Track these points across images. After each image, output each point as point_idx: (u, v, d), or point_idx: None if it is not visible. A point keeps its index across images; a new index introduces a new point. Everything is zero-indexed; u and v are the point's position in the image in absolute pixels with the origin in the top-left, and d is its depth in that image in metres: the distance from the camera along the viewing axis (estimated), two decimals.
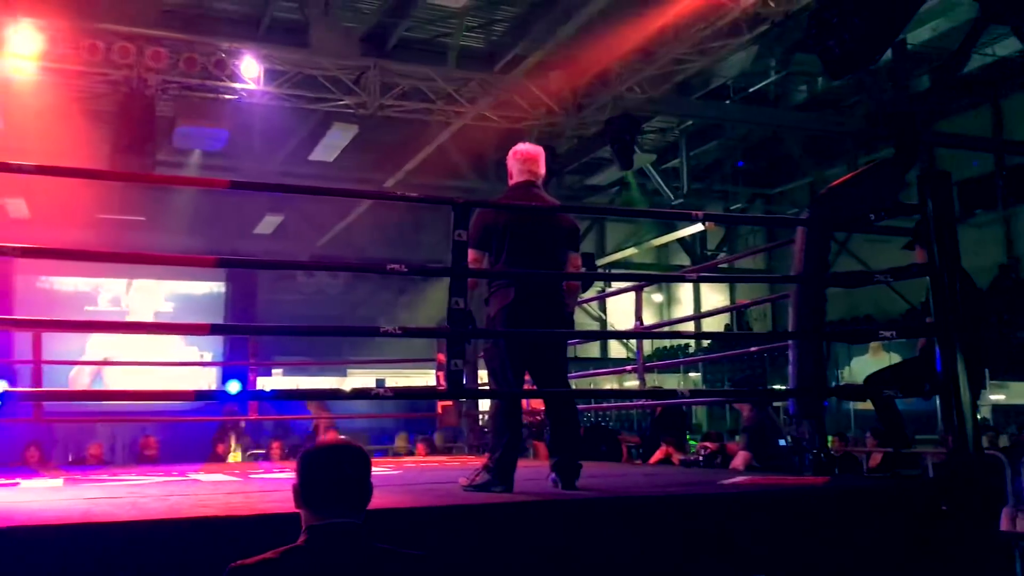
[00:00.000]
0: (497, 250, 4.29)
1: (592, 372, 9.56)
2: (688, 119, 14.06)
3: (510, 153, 4.66)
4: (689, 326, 17.27)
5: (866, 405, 9.61)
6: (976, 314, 4.14)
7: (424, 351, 10.53)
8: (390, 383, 15.89)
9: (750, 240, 18.72)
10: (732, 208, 17.25)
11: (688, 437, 9.33)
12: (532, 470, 4.79)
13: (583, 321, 17.93)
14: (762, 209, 17.51)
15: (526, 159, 4.57)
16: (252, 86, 9.76)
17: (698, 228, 16.35)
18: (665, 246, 18.53)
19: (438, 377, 8.68)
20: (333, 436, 8.33)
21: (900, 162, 8.00)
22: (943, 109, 13.43)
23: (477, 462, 4.78)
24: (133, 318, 14.23)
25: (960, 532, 3.62)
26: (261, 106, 10.41)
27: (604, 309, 19.37)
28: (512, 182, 4.62)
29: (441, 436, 11.06)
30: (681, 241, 17.89)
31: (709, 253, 18.17)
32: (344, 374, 16.69)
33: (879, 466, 8.25)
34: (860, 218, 4.66)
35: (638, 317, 6.79)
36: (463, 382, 3.91)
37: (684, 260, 18.86)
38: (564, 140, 11.93)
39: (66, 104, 9.86)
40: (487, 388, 4.81)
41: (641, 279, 11.74)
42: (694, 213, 4.52)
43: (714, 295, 19.81)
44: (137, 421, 8.54)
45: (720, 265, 15.97)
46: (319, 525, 2.25)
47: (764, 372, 14.06)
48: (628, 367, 8.14)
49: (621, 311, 17.54)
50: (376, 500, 2.37)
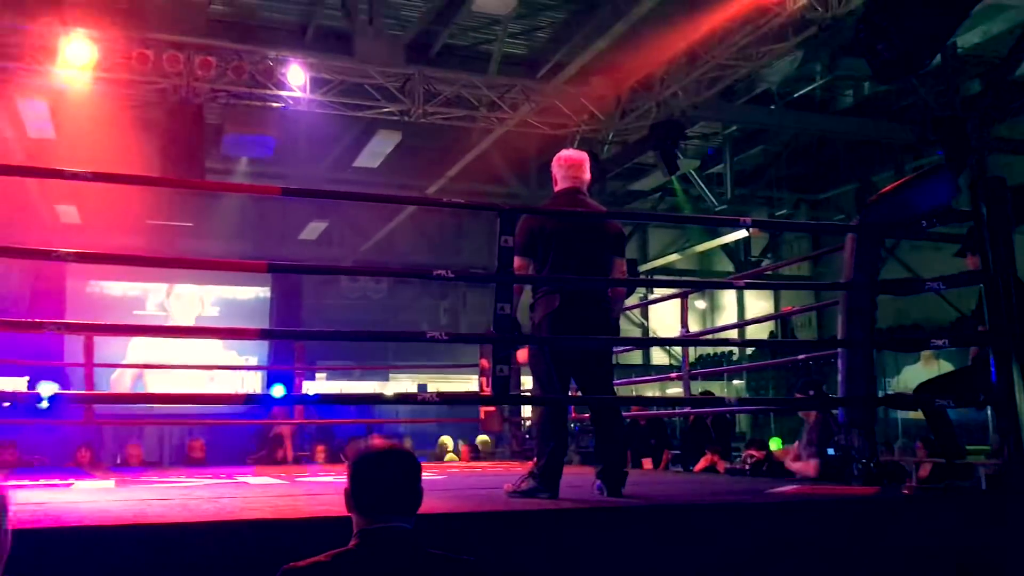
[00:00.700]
0: (543, 256, 4.29)
1: (636, 380, 9.48)
2: (732, 124, 13.95)
3: (555, 159, 4.65)
4: (733, 333, 17.08)
5: (915, 414, 9.48)
6: None
7: (466, 356, 10.57)
8: (431, 387, 15.97)
9: (794, 246, 18.49)
10: (777, 214, 17.07)
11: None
12: (576, 477, 4.78)
13: (625, 328, 17.82)
14: (807, 214, 17.29)
15: (571, 165, 4.56)
16: (298, 94, 9.85)
17: (742, 234, 16.20)
18: (708, 252, 18.37)
19: (481, 382, 8.71)
20: (380, 440, 8.37)
21: (951, 167, 7.86)
22: (996, 114, 13.14)
23: (520, 467, 4.78)
24: (173, 323, 14.42)
25: (1016, 543, 3.55)
26: (307, 113, 10.51)
27: (646, 315, 19.26)
28: (557, 188, 4.61)
29: (484, 441, 11.09)
30: (724, 247, 17.75)
31: (753, 259, 17.98)
32: (386, 378, 16.80)
33: (929, 477, 8.10)
34: (912, 224, 4.60)
35: (684, 324, 6.74)
36: (509, 388, 3.92)
37: (728, 266, 18.68)
38: (607, 145, 11.89)
39: (117, 113, 10.02)
40: (533, 394, 4.81)
41: (689, 286, 11.65)
42: (742, 219, 4.49)
43: (758, 302, 19.59)
44: (184, 424, 8.66)
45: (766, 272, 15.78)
46: (370, 529, 2.26)
47: (824, 378, 13.78)
48: (673, 375, 8.07)
49: (663, 317, 17.41)
50: (423, 504, 2.37)
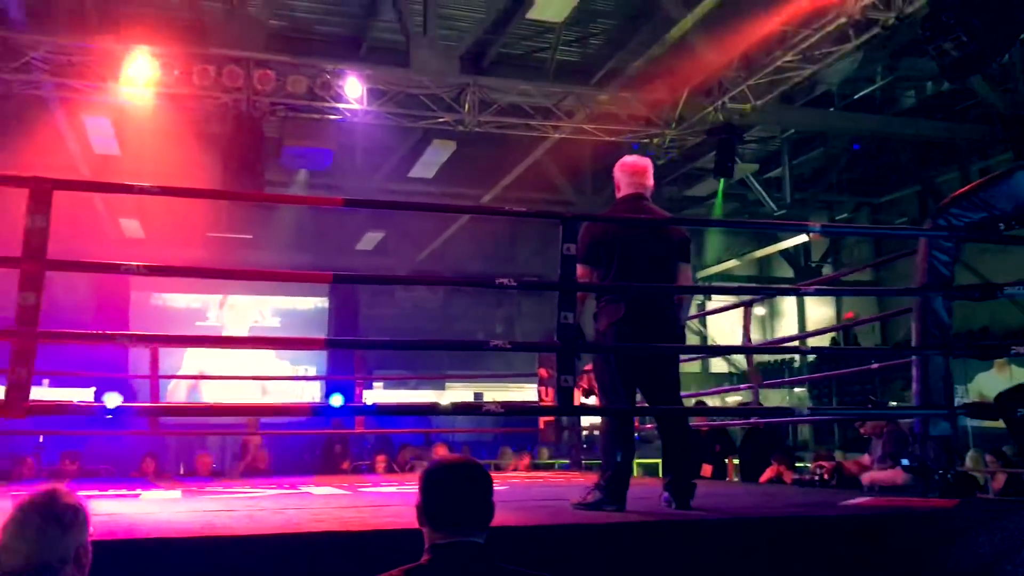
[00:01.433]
0: (606, 264, 4.22)
1: (702, 392, 9.29)
2: (791, 128, 13.72)
3: (617, 165, 4.58)
4: (794, 341, 16.75)
5: (986, 423, 9.18)
6: None
7: (521, 365, 10.52)
8: (487, 397, 15.96)
9: (855, 251, 18.11)
10: (837, 218, 16.75)
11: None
12: (642, 488, 4.70)
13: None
14: (868, 218, 16.92)
15: (635, 171, 4.48)
16: (355, 105, 9.91)
17: (802, 239, 15.93)
18: (767, 258, 18.09)
19: (540, 392, 8.65)
20: (443, 451, 8.36)
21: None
22: None
23: (581, 478, 4.71)
24: (227, 333, 14.65)
25: None
26: (361, 125, 10.58)
27: (704, 323, 19.01)
28: (620, 195, 4.54)
29: (544, 451, 11.03)
30: (783, 252, 17.45)
31: (813, 264, 17.65)
32: (442, 387, 16.83)
33: (1004, 488, 7.84)
34: (988, 227, 4.44)
35: (746, 333, 6.60)
36: (573, 398, 3.85)
37: (786, 271, 18.36)
38: (663, 151, 11.76)
39: (179, 128, 10.18)
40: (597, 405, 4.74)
41: (756, 293, 11.43)
42: (809, 224, 4.37)
43: (819, 308, 19.22)
44: (248, 434, 8.76)
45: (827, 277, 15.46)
46: (443, 544, 2.22)
47: (886, 388, 13.46)
48: (741, 386, 7.89)
49: (722, 325, 17.16)
50: None
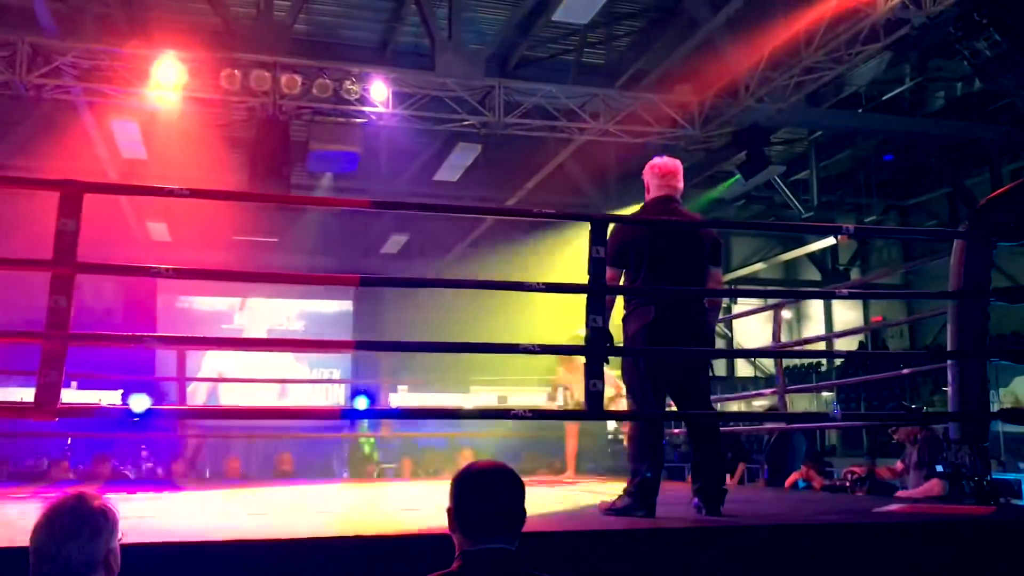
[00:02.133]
0: (636, 267, 4.17)
1: (729, 396, 9.20)
2: (818, 129, 13.59)
3: (647, 167, 4.53)
4: (821, 344, 16.59)
5: (1018, 428, 9.04)
6: None
7: (545, 368, 10.45)
8: (511, 400, 15.90)
9: (883, 253, 17.91)
10: (865, 220, 16.57)
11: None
12: (672, 494, 4.64)
13: None
14: (896, 221, 16.72)
15: (665, 173, 4.43)
16: (381, 109, 9.91)
17: (829, 242, 15.76)
18: (793, 261, 17.92)
19: (564, 396, 8.60)
20: (470, 456, 8.33)
21: None
22: None
23: (606, 484, 4.67)
24: (247, 336, 14.74)
25: None
26: (386, 128, 10.58)
27: (730, 326, 18.88)
28: (649, 197, 4.48)
29: (569, 457, 10.94)
30: (811, 255, 17.28)
31: (841, 267, 17.47)
32: (467, 390, 16.79)
33: None
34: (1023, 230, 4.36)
35: (776, 336, 6.54)
36: (602, 402, 3.81)
37: (814, 275, 18.19)
38: (689, 153, 11.67)
39: (206, 132, 10.23)
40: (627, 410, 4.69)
41: (787, 296, 11.30)
42: (844, 226, 4.30)
43: (847, 311, 19.03)
44: (274, 438, 8.78)
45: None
46: (472, 551, 2.20)
47: (916, 392, 13.30)
48: (766, 390, 7.81)
49: (748, 327, 17.02)
50: None
